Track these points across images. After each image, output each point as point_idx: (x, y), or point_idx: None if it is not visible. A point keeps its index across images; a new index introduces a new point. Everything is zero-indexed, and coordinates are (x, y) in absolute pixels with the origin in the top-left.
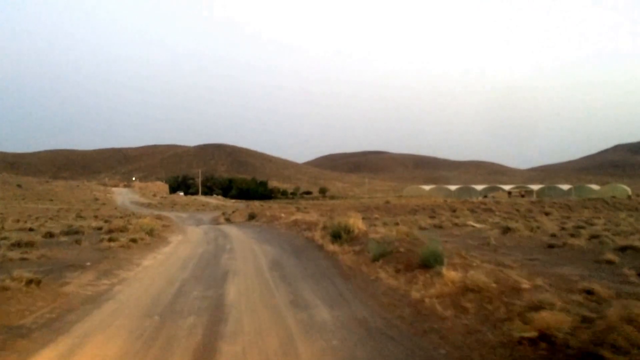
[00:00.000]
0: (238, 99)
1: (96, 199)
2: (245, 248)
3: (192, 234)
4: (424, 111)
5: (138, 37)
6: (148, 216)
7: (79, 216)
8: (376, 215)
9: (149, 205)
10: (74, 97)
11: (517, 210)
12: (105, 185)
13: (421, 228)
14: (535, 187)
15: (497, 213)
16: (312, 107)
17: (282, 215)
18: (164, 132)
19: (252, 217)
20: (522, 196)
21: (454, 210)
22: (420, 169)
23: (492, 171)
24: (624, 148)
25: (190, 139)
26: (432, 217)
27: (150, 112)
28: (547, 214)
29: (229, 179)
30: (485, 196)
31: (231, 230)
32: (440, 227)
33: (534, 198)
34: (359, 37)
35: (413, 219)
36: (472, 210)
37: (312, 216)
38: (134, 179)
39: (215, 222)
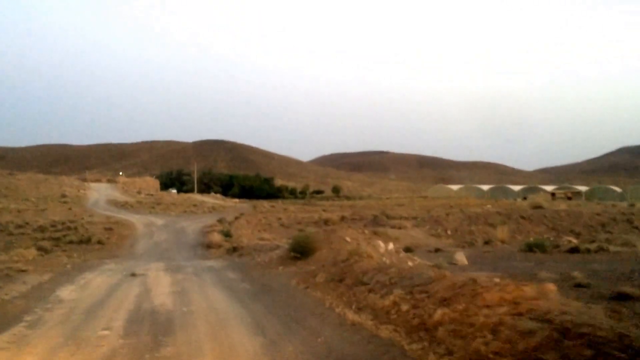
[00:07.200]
0: (238, 96)
1: (63, 196)
2: None
3: None
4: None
5: (135, 33)
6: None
7: None
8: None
9: (124, 205)
10: (68, 92)
11: None
12: (84, 180)
13: None
14: (582, 188)
15: None
16: (313, 106)
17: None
18: (161, 128)
19: (300, 251)
20: (569, 198)
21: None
22: (425, 168)
23: (499, 172)
24: (627, 150)
25: (189, 134)
26: None
27: (148, 108)
28: None
29: (229, 175)
30: (525, 198)
31: None
32: None
33: (582, 200)
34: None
35: None
36: None
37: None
38: (120, 174)
39: (198, 245)
